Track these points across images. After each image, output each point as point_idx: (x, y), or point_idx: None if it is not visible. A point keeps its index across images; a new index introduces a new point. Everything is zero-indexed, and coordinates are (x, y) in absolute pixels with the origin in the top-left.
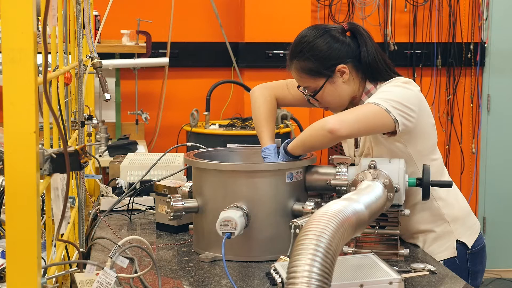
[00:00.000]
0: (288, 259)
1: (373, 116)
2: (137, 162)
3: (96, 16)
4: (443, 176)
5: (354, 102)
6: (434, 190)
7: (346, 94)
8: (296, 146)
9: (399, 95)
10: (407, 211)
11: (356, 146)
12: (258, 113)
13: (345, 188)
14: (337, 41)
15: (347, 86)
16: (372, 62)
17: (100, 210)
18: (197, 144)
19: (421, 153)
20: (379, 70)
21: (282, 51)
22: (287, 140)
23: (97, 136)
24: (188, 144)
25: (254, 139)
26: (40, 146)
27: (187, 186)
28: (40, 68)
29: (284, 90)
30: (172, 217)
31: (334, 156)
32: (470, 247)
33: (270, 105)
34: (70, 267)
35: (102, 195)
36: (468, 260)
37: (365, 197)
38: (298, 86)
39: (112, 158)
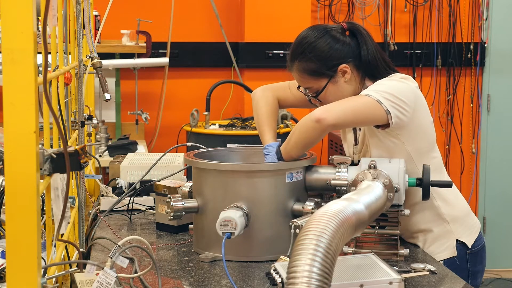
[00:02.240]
0: (288, 259)
1: (362, 106)
2: (137, 162)
3: (96, 16)
4: (442, 174)
5: None
6: (434, 190)
7: (348, 93)
8: (290, 149)
9: (393, 88)
10: (407, 211)
11: (355, 144)
12: (260, 114)
13: (345, 188)
14: (338, 41)
15: (349, 86)
16: (372, 60)
17: (100, 210)
18: (197, 144)
19: (420, 151)
20: (379, 69)
21: (282, 51)
22: (276, 151)
23: (97, 136)
24: (188, 144)
25: (254, 139)
26: (40, 146)
27: (187, 186)
28: (40, 68)
29: (285, 91)
30: (172, 217)
31: (334, 156)
32: (470, 247)
33: (271, 106)
34: (70, 267)
35: (102, 195)
36: (468, 260)
37: (365, 197)
38: (299, 87)
39: (112, 158)
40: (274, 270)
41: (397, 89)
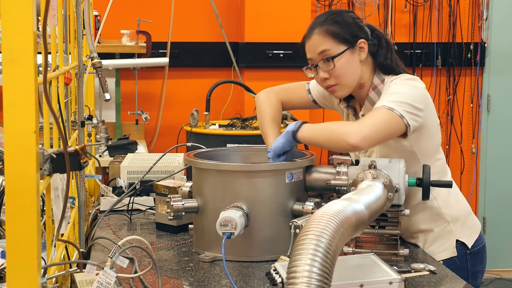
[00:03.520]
0: (288, 259)
1: (389, 125)
2: (137, 162)
3: (96, 16)
4: (446, 175)
5: (361, 92)
6: (434, 190)
7: (358, 74)
8: (308, 138)
9: (409, 96)
10: (407, 211)
11: None
12: (263, 115)
13: (345, 188)
14: (361, 21)
15: (361, 66)
16: (387, 54)
17: (100, 210)
18: (197, 144)
19: (426, 152)
20: (391, 66)
21: (282, 51)
22: (297, 122)
23: (97, 136)
24: (188, 144)
25: (254, 139)
26: (40, 146)
27: (187, 186)
28: (40, 68)
29: (289, 93)
30: (172, 217)
31: (334, 156)
32: (470, 247)
33: (275, 108)
34: (70, 267)
35: (102, 195)
36: (468, 260)
37: (365, 197)
38: (307, 67)
39: (112, 158)
40: (274, 270)
41: (412, 97)
